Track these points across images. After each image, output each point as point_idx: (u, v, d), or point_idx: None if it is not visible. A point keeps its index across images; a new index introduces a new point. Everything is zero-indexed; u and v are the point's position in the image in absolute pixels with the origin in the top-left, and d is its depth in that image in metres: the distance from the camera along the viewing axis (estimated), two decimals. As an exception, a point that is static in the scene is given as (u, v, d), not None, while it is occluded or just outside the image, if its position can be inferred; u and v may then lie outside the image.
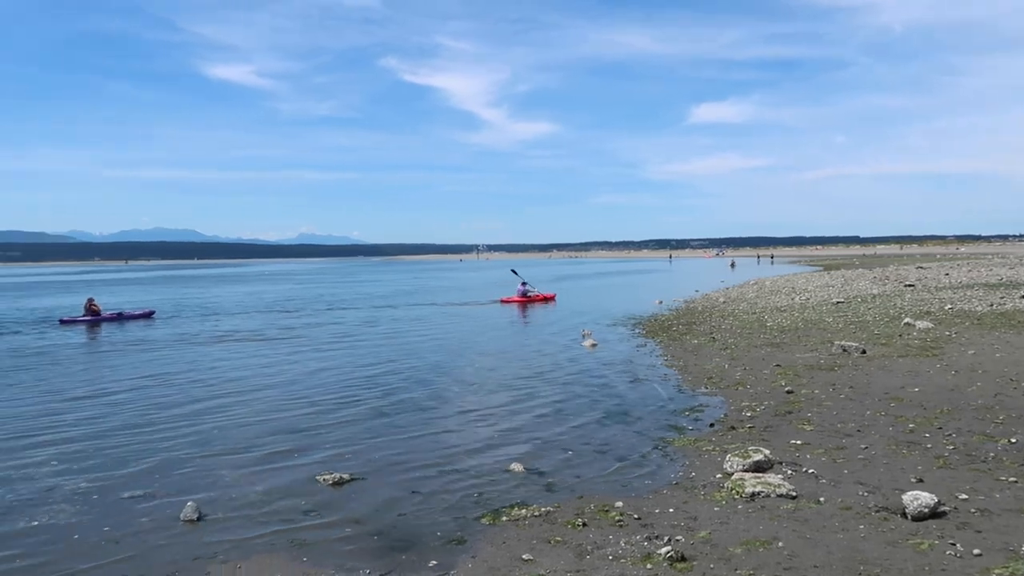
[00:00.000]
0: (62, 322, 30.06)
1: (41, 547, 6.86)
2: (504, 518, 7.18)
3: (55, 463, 9.55)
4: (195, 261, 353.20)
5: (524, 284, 38.47)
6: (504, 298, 38.18)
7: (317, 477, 8.65)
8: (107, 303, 36.38)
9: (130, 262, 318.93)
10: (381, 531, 7.02)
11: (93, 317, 30.41)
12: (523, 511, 7.32)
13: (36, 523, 7.46)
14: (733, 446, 9.10)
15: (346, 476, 8.65)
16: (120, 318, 31.31)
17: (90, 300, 31.66)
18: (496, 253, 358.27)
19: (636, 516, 6.99)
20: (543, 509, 7.36)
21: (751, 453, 8.26)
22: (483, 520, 7.18)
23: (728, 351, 17.43)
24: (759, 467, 8.03)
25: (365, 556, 6.44)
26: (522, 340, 22.48)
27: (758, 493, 7.32)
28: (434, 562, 6.22)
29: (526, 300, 37.20)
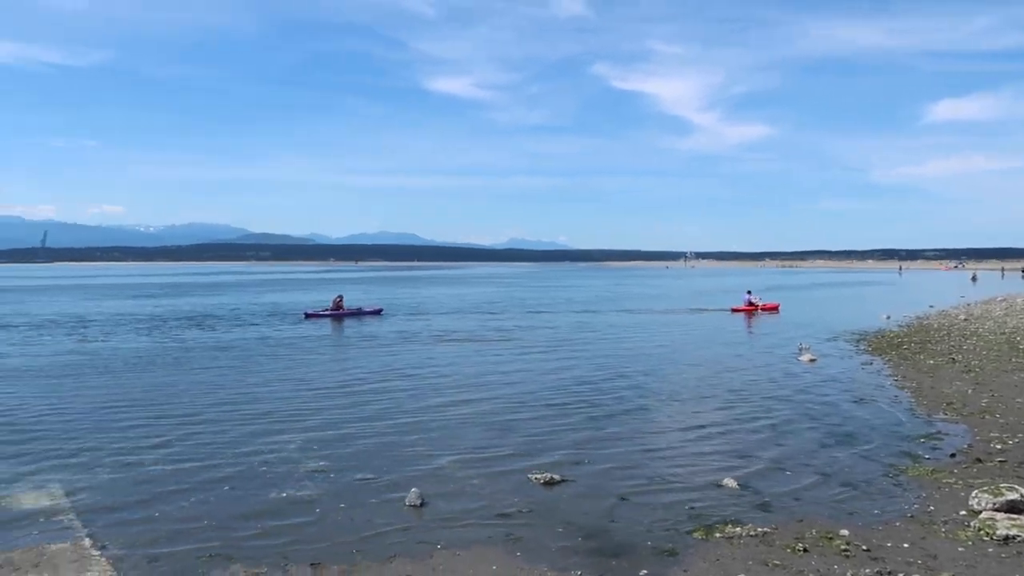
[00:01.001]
0: (306, 316, 33.50)
1: (290, 516, 7.69)
2: (717, 534, 6.98)
3: (299, 443, 10.65)
4: (414, 263, 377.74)
5: (749, 293, 38.28)
6: (734, 307, 37.67)
7: (530, 476, 8.92)
8: (346, 299, 39.95)
9: (359, 263, 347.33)
10: (592, 534, 7.10)
11: (334, 312, 33.70)
12: (737, 529, 7.07)
13: (284, 495, 8.38)
14: (980, 481, 8.17)
15: (557, 477, 8.84)
16: (357, 313, 34.44)
17: (340, 296, 35.20)
18: (704, 261, 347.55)
19: (864, 547, 6.50)
20: (759, 529, 7.06)
21: (1004, 491, 7.36)
22: (695, 534, 7.02)
23: (972, 374, 15.65)
24: (1014, 507, 7.13)
25: (577, 557, 6.54)
26: (735, 351, 21.65)
27: (1013, 537, 6.51)
28: (645, 572, 6.18)
29: (753, 309, 36.49)
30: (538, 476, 8.85)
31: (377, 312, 35.69)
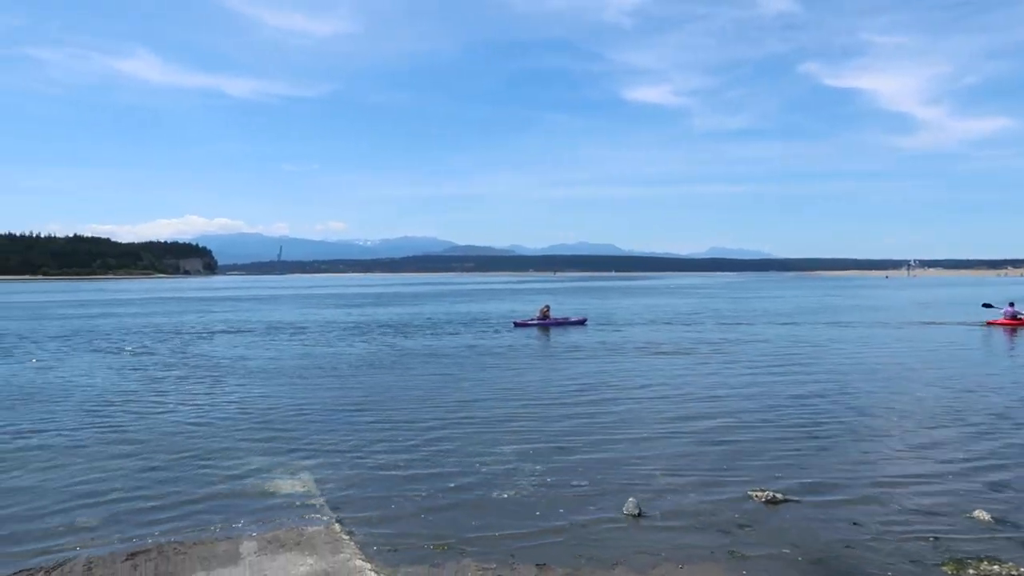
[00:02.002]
0: (516, 325, 34.67)
1: (512, 518, 8.02)
2: (971, 571, 6.36)
3: (515, 449, 11.06)
4: (613, 273, 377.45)
5: (1011, 305, 34.05)
6: (991, 320, 33.83)
7: (750, 492, 8.63)
8: (532, 310, 40.91)
9: (558, 273, 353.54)
10: (823, 559, 6.74)
11: (541, 321, 34.63)
12: (995, 567, 6.40)
13: (506, 496, 8.75)
14: None
15: (779, 495, 8.48)
16: (563, 323, 35.15)
17: (546, 306, 36.23)
18: (930, 269, 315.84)
19: None
20: (1021, 570, 6.33)
21: None
22: (944, 568, 6.45)
23: None
24: None
25: (808, 582, 6.24)
26: (986, 370, 19.47)
27: None
28: (888, 603, 5.77)
29: (1016, 323, 32.39)
30: (759, 494, 8.54)
31: (582, 322, 36.15)
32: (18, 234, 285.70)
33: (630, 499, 8.21)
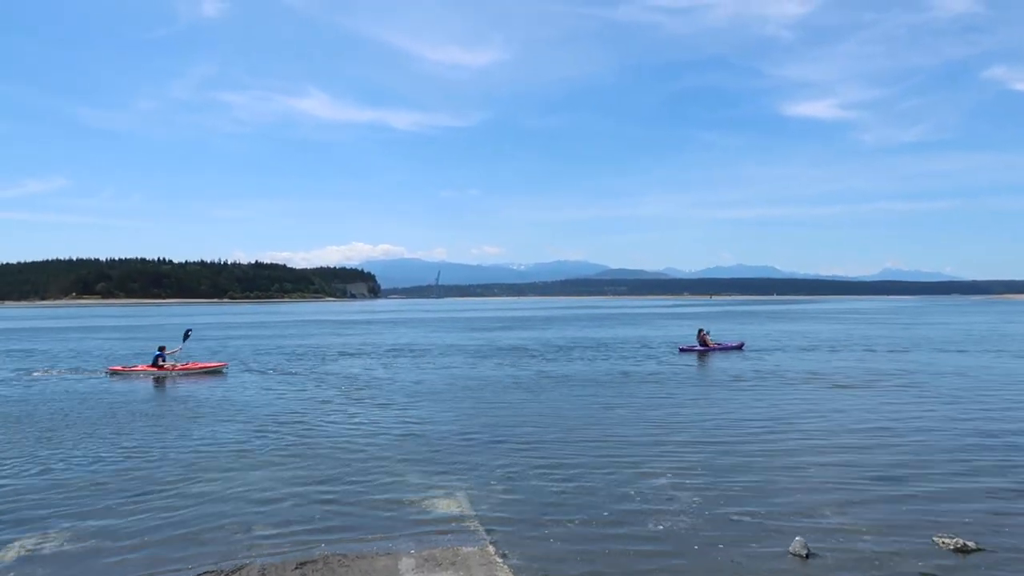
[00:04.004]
0: (681, 350, 33.89)
1: (670, 548, 7.74)
2: None
3: (671, 478, 10.70)
4: (774, 297, 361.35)
5: None
6: None
7: (935, 539, 7.82)
8: (690, 335, 39.69)
9: (714, 297, 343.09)
10: (1027, 620, 5.96)
11: (703, 347, 33.71)
12: None
13: (661, 527, 8.45)
14: None
15: (971, 544, 7.62)
16: (721, 349, 34.02)
17: (703, 331, 35.28)
18: None
19: None
20: None
21: None
22: None
23: None
24: None
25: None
26: None
27: None
28: None
29: None
30: (946, 540, 7.72)
31: (739, 347, 34.84)
32: (208, 261, 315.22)
33: (797, 538, 7.68)
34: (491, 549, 7.71)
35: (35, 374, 25.95)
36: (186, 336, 27.41)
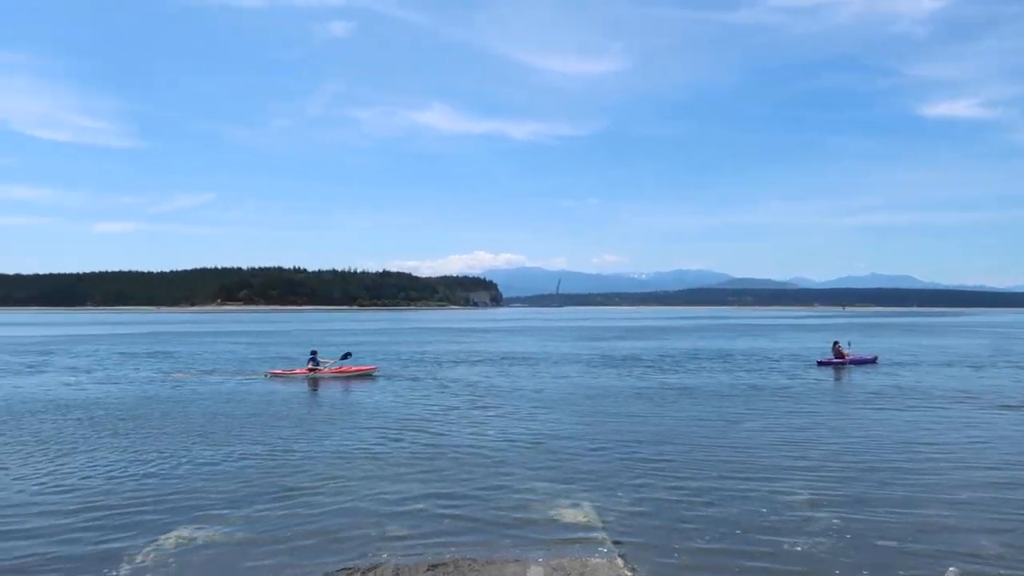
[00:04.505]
0: (819, 363, 32.48)
1: (805, 571, 7.40)
2: None
3: (807, 497, 10.23)
4: (914, 308, 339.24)
5: None
6: None
7: (1114, 578, 7.10)
8: (824, 348, 37.77)
9: (846, 308, 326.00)
10: None
11: (838, 359, 32.21)
12: None
13: (798, 549, 8.09)
14: None
15: None
16: (856, 362, 32.33)
17: (838, 343, 33.75)
18: None
19: None
20: None
21: None
22: None
23: None
24: None
25: None
26: None
27: None
28: None
29: None
30: None
31: (872, 360, 32.95)
32: (339, 269, 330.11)
33: (951, 568, 7.14)
34: (619, 562, 7.64)
35: (176, 375, 28.05)
36: (345, 357, 28.63)
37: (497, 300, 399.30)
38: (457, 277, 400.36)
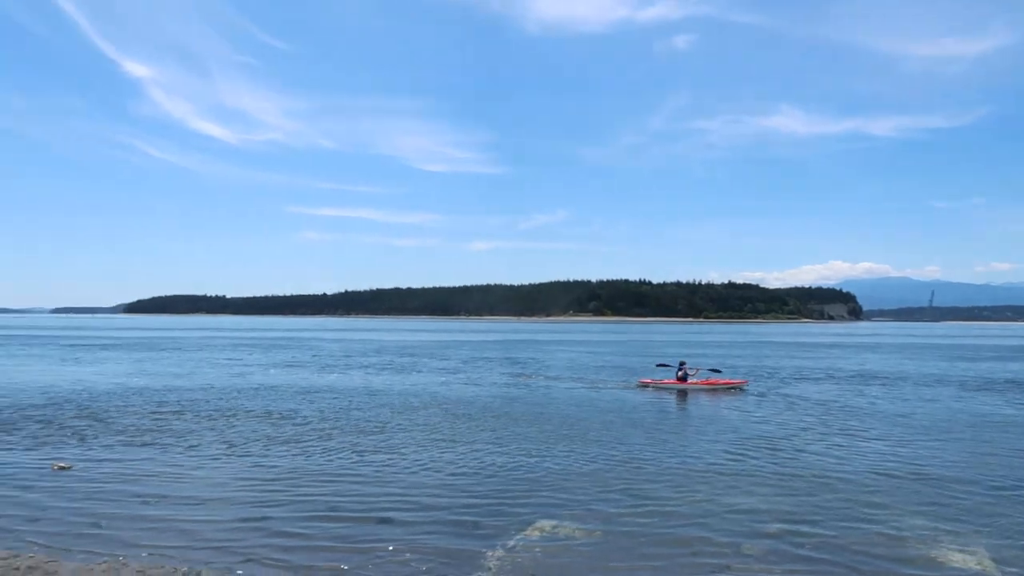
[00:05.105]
0: None
1: None
2: None
3: None
4: None
5: None
6: None
7: None
8: None
9: None
10: None
11: None
12: None
13: None
14: None
15: None
16: None
17: None
18: None
19: None
20: None
21: None
22: None
23: None
24: None
25: None
26: None
27: None
28: None
29: None
30: None
31: None
32: (684, 281, 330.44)
33: None
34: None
35: (523, 378, 30.38)
36: (714, 372, 28.85)
37: (856, 313, 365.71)
38: (809, 288, 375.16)
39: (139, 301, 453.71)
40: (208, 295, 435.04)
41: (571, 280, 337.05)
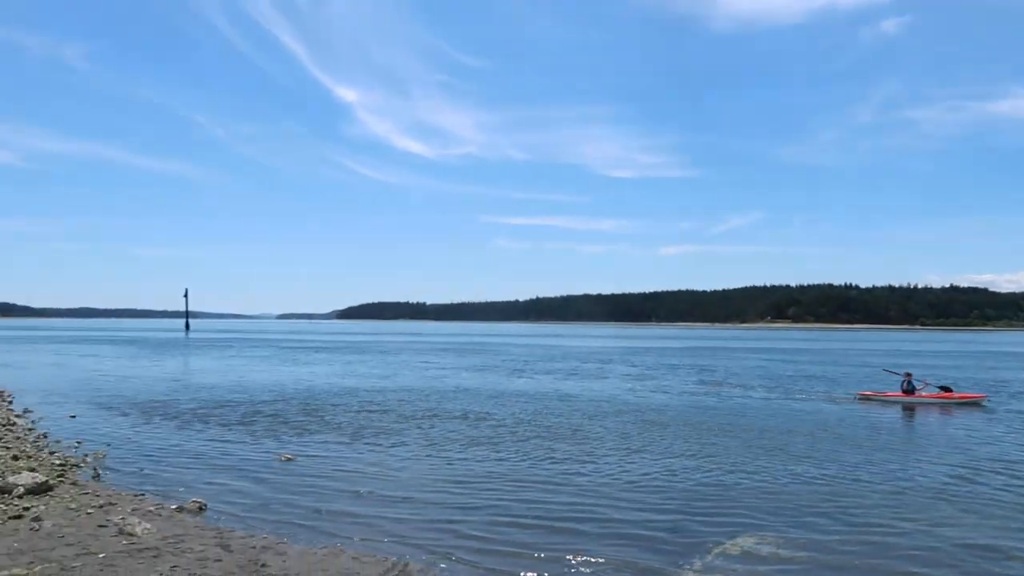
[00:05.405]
0: None
1: None
2: None
3: None
4: None
5: None
6: None
7: None
8: None
9: None
10: None
11: None
12: None
13: None
14: None
15: None
16: None
17: None
18: None
19: None
20: None
21: None
22: None
23: None
24: None
25: None
26: None
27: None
28: None
29: None
30: None
31: None
32: (896, 285, 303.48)
33: None
34: None
35: (715, 386, 29.52)
36: (944, 389, 25.92)
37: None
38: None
39: (349, 308, 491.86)
40: (410, 302, 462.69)
41: (767, 285, 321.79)
